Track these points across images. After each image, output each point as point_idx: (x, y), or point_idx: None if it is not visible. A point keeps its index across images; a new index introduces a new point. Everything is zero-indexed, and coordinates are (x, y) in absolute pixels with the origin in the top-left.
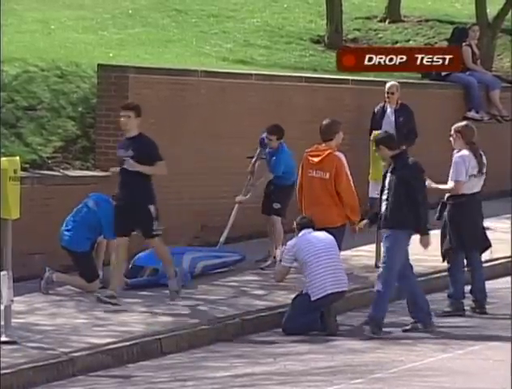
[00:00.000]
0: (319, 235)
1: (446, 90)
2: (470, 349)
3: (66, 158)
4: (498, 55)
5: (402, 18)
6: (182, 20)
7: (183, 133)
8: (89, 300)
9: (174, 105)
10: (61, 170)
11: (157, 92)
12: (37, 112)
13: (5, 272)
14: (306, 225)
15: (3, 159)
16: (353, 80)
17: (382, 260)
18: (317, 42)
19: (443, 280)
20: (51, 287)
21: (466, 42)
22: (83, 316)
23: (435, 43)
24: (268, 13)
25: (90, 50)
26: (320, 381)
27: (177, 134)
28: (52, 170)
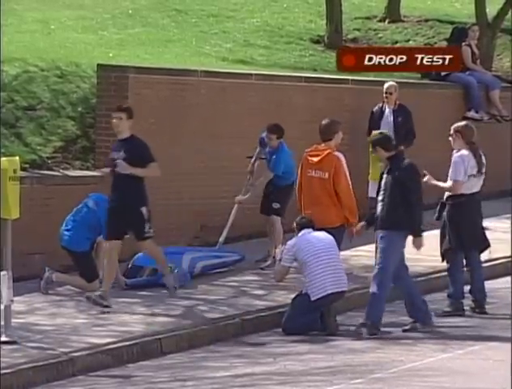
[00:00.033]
0: (319, 235)
1: (446, 90)
2: (470, 349)
3: (66, 158)
4: (498, 55)
5: (402, 18)
6: (182, 20)
7: (183, 133)
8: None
9: (174, 105)
10: (61, 170)
11: (157, 92)
12: (37, 112)
13: (5, 272)
14: (306, 225)
15: (3, 159)
16: (353, 80)
17: (377, 261)
18: (317, 42)
19: (443, 280)
20: (51, 287)
21: (465, 42)
22: (83, 316)
23: (435, 43)
24: (268, 13)
25: (90, 50)
26: (320, 381)
27: (177, 134)
28: (52, 170)
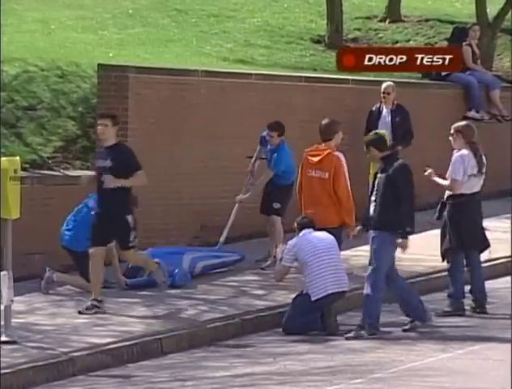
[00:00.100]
0: (320, 235)
1: (446, 90)
2: (470, 349)
3: (66, 158)
4: (498, 55)
5: (402, 18)
6: (182, 20)
7: (183, 133)
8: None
9: (174, 105)
10: (61, 170)
11: (157, 92)
12: (37, 112)
13: (5, 272)
14: (307, 225)
15: (3, 159)
16: (353, 80)
17: (370, 262)
18: (317, 42)
19: (443, 280)
20: (51, 287)
21: (466, 42)
22: (83, 316)
23: (435, 43)
24: (268, 13)
25: (90, 50)
26: (320, 381)
27: (177, 134)
28: (52, 170)
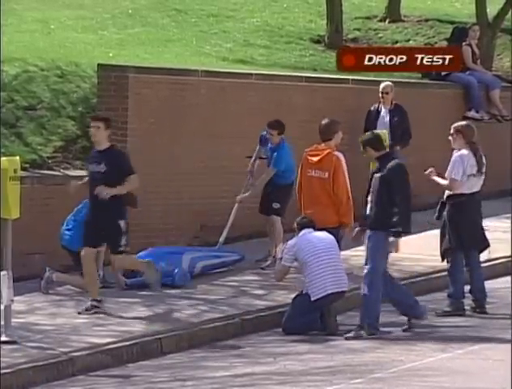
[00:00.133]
0: (320, 235)
1: (446, 90)
2: (470, 349)
3: (66, 158)
4: (498, 55)
5: (402, 17)
6: (182, 20)
7: (183, 133)
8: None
9: (174, 105)
10: (61, 170)
11: (157, 92)
12: (37, 112)
13: (5, 272)
14: (306, 225)
15: (3, 159)
16: (353, 80)
17: (366, 262)
18: (317, 42)
19: (443, 280)
20: (51, 287)
21: (466, 42)
22: (83, 316)
23: (435, 43)
24: (268, 13)
25: (90, 50)
26: (320, 381)
27: (177, 134)
28: (52, 170)
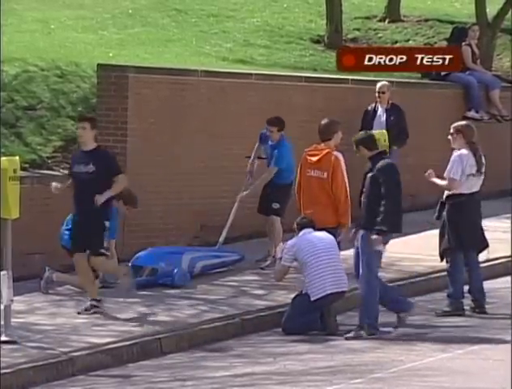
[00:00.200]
0: (319, 235)
1: (446, 90)
2: (470, 349)
3: (66, 158)
4: (498, 55)
5: (401, 17)
6: (182, 20)
7: (183, 133)
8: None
9: (174, 105)
10: (61, 170)
11: (157, 92)
12: (37, 112)
13: (5, 272)
14: (306, 225)
15: (3, 159)
16: (353, 80)
17: (361, 262)
18: (317, 42)
19: (443, 280)
20: (51, 286)
21: (465, 42)
22: (83, 316)
23: (435, 43)
24: (268, 13)
25: (90, 50)
26: (320, 381)
27: (177, 133)
28: (52, 170)
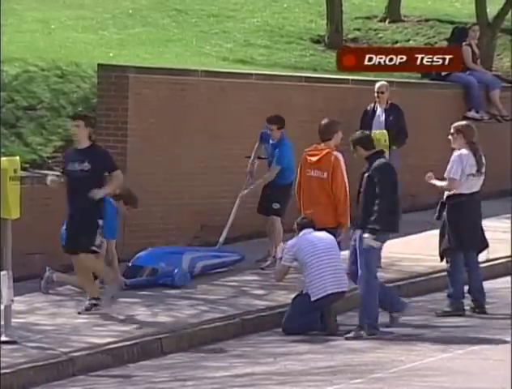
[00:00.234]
0: (320, 235)
1: (446, 90)
2: (470, 349)
3: None
4: (498, 55)
5: (402, 18)
6: (182, 20)
7: (183, 133)
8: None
9: (174, 105)
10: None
11: (157, 92)
12: (37, 112)
13: (5, 272)
14: (306, 225)
15: (3, 159)
16: (353, 80)
17: (359, 262)
18: (317, 42)
19: (443, 280)
20: (51, 287)
21: (466, 42)
22: (83, 316)
23: (435, 43)
24: (268, 13)
25: (90, 50)
26: (320, 381)
27: (177, 133)
28: (52, 170)
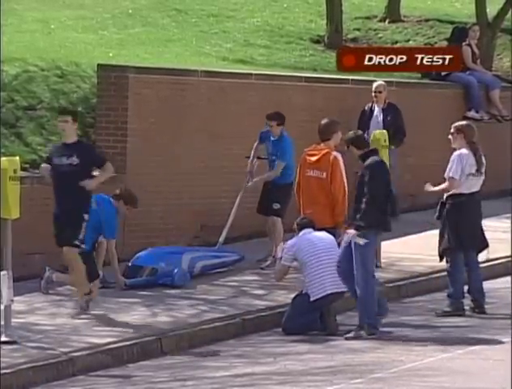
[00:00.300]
0: (320, 235)
1: (446, 90)
2: (470, 349)
3: None
4: (498, 55)
5: (402, 18)
6: (182, 20)
7: (183, 133)
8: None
9: (174, 105)
10: None
11: (157, 92)
12: (37, 112)
13: (5, 272)
14: (306, 225)
15: (3, 159)
16: (353, 80)
17: (355, 262)
18: (317, 42)
19: (443, 280)
20: (51, 287)
21: (466, 42)
22: (83, 316)
23: (435, 43)
24: (268, 13)
25: (90, 50)
26: (320, 381)
27: (177, 133)
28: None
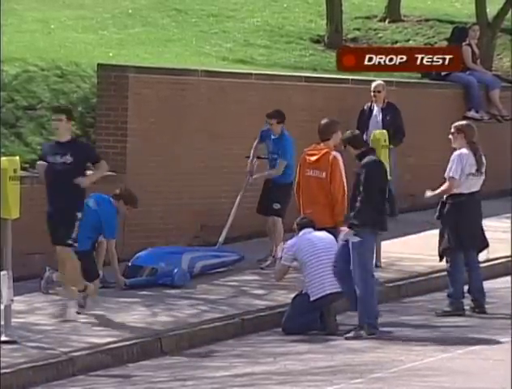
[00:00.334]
0: (319, 235)
1: (446, 90)
2: (470, 349)
3: None
4: (498, 55)
5: (402, 17)
6: (182, 20)
7: (183, 132)
8: (89, 299)
9: (174, 105)
10: None
11: (157, 92)
12: (37, 111)
13: (5, 272)
14: (306, 225)
15: (3, 159)
16: (353, 80)
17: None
18: (317, 42)
19: (443, 280)
20: (51, 286)
21: (466, 42)
22: (83, 316)
23: (435, 43)
24: (268, 12)
25: (90, 50)
26: (320, 380)
27: (177, 133)
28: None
